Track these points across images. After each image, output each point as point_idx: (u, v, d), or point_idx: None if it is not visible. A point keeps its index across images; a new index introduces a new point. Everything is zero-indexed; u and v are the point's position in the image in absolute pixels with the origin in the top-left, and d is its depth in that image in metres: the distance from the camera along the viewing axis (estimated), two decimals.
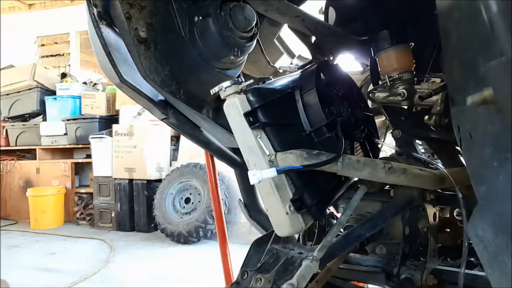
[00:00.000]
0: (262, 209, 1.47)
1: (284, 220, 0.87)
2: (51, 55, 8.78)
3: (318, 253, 0.86)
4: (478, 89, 0.45)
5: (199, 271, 3.93)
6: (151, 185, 5.55)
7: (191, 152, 5.56)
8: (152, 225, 5.48)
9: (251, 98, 0.88)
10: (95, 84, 6.95)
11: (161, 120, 1.18)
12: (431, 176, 0.96)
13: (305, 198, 0.89)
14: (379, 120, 1.49)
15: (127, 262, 4.27)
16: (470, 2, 0.47)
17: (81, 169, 6.80)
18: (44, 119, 6.51)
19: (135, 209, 5.61)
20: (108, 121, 6.12)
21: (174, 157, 5.86)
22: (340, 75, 1.11)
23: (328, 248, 0.89)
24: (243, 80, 0.91)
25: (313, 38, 1.32)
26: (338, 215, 1.27)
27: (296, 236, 1.29)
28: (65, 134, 6.29)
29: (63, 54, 8.70)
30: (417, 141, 1.27)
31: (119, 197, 5.65)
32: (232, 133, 0.90)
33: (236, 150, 1.28)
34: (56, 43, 8.85)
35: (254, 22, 1.05)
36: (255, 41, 1.11)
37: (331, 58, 1.32)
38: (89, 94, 6.43)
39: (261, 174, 0.80)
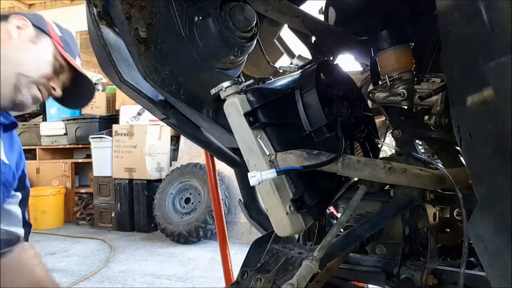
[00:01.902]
0: (262, 209, 1.47)
1: (284, 220, 0.87)
2: None
3: (318, 253, 0.86)
4: (478, 89, 0.45)
5: (199, 271, 3.93)
6: (151, 185, 5.55)
7: (191, 152, 5.56)
8: (152, 225, 5.47)
9: (251, 98, 0.88)
10: (95, 84, 6.94)
11: (161, 120, 1.18)
12: (431, 176, 0.96)
13: (305, 198, 0.89)
14: (379, 120, 1.49)
15: (127, 262, 4.27)
16: (470, 2, 0.47)
17: (81, 169, 6.80)
18: (44, 119, 6.51)
19: (135, 209, 5.61)
20: (108, 121, 6.12)
21: (174, 157, 5.86)
22: (340, 75, 1.11)
23: (328, 248, 0.88)
24: (243, 80, 0.91)
25: (313, 38, 1.32)
26: (338, 215, 1.27)
27: (296, 236, 1.29)
28: (65, 134, 6.29)
29: None
30: (417, 141, 1.27)
31: (119, 197, 5.65)
32: (232, 133, 0.90)
33: (236, 150, 1.28)
34: None
35: (254, 22, 1.05)
36: (255, 41, 1.11)
37: (331, 58, 1.32)
38: None
39: (260, 175, 0.80)
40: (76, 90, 1.24)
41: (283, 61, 1.66)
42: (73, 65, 1.19)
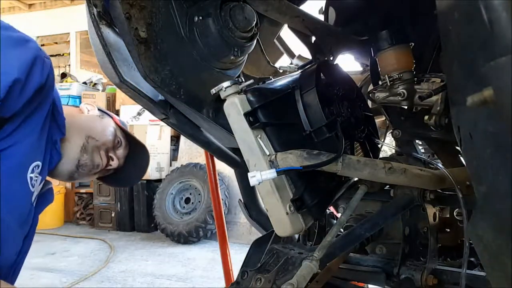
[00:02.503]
0: (262, 209, 1.47)
1: (284, 220, 0.87)
2: (51, 55, 8.74)
3: (318, 253, 0.86)
4: (478, 89, 0.45)
5: (199, 271, 3.93)
6: (151, 185, 5.55)
7: (191, 152, 5.56)
8: (152, 225, 5.48)
9: (251, 98, 0.88)
10: (95, 84, 6.95)
11: (161, 120, 1.18)
12: (431, 176, 0.96)
13: (305, 198, 0.89)
14: (379, 120, 1.49)
15: (127, 262, 4.27)
16: (470, 2, 0.47)
17: None
18: None
19: (135, 209, 5.61)
20: None
21: (174, 157, 5.86)
22: (340, 75, 1.11)
23: (328, 248, 0.88)
24: (243, 80, 0.91)
25: (313, 38, 1.32)
26: (338, 215, 1.27)
27: (296, 236, 1.29)
28: None
29: (63, 54, 8.70)
30: (417, 141, 1.27)
31: (119, 197, 5.65)
32: (232, 133, 0.90)
33: (236, 150, 1.28)
34: (56, 43, 8.86)
35: (254, 22, 1.05)
36: (255, 41, 1.11)
37: (331, 58, 1.32)
38: (89, 94, 6.43)
39: (260, 175, 0.80)
40: (129, 169, 1.38)
41: (283, 61, 1.66)
42: (128, 141, 1.36)
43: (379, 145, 1.14)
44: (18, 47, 0.91)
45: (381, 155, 1.18)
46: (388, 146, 1.27)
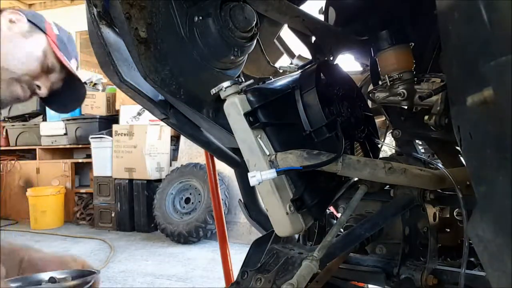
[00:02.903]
0: (262, 209, 1.47)
1: (284, 220, 0.87)
2: None
3: (318, 253, 0.86)
4: (478, 89, 0.45)
5: (199, 271, 3.93)
6: (151, 185, 5.55)
7: (191, 152, 5.56)
8: (152, 225, 5.48)
9: (251, 98, 0.88)
10: (95, 84, 6.94)
11: (161, 120, 1.18)
12: (431, 176, 0.96)
13: (305, 198, 0.89)
14: (379, 120, 1.49)
15: (127, 262, 4.27)
16: (470, 2, 0.48)
17: (81, 169, 6.80)
18: (44, 119, 6.51)
19: (135, 209, 5.61)
20: (108, 121, 6.12)
21: (174, 157, 5.86)
22: (340, 75, 1.11)
23: (328, 248, 0.88)
24: (243, 80, 0.91)
25: (313, 38, 1.32)
26: (338, 215, 1.27)
27: (296, 236, 1.29)
28: (65, 134, 6.29)
29: None
30: (417, 141, 1.27)
31: (119, 197, 5.65)
32: (232, 133, 0.90)
33: (236, 150, 1.28)
34: None
35: (254, 22, 1.05)
36: (255, 41, 1.11)
37: (331, 58, 1.32)
38: (89, 94, 6.43)
39: (260, 175, 0.80)
40: (66, 94, 1.17)
41: (283, 61, 1.66)
42: (65, 65, 1.12)
43: (379, 145, 1.14)
44: None
45: (381, 155, 1.18)
46: (388, 146, 1.27)
